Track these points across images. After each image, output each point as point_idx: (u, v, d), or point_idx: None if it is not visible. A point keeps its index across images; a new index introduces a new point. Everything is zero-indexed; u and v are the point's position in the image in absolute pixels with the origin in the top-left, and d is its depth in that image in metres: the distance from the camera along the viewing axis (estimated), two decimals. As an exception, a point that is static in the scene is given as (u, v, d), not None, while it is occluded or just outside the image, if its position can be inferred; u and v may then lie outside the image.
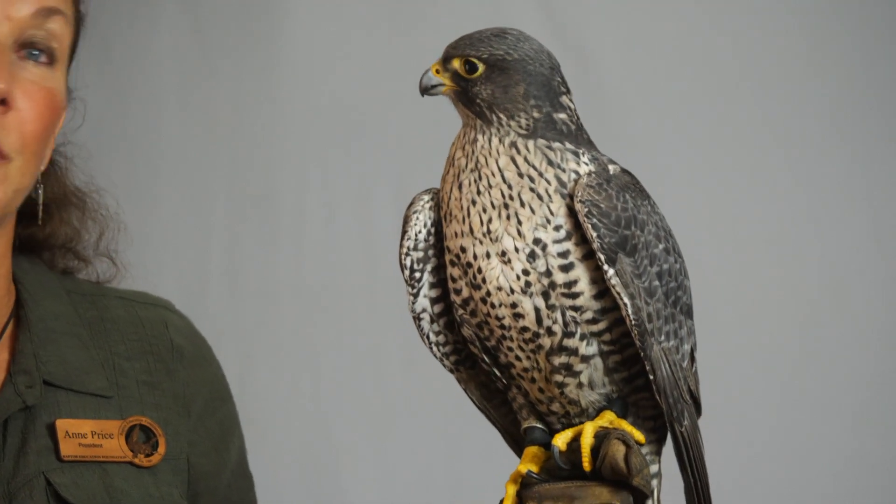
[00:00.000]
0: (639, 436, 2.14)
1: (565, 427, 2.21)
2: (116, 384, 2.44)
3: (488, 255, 2.13)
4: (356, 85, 4.25)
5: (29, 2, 2.33)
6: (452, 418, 4.09)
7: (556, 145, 2.14)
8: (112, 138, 4.27)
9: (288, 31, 4.29)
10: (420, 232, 2.25)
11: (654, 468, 2.23)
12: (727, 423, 3.97)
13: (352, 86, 4.25)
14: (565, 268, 2.11)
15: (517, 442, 2.33)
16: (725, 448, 3.87)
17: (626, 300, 2.10)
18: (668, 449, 2.23)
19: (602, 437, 2.12)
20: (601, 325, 2.13)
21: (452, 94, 2.19)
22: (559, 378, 2.15)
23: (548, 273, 2.11)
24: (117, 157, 4.25)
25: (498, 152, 2.15)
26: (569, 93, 2.19)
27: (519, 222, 2.12)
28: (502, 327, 2.15)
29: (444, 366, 2.30)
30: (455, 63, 2.18)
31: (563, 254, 2.11)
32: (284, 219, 4.27)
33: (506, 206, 2.13)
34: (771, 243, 4.07)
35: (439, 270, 2.25)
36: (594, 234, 2.10)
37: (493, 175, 2.14)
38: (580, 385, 2.16)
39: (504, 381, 2.24)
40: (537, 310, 2.12)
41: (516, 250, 2.12)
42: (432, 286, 2.26)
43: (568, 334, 2.12)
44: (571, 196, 2.12)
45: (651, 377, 2.14)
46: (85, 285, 2.56)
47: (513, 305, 2.13)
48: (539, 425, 2.23)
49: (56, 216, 2.53)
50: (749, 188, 4.09)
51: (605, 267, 2.10)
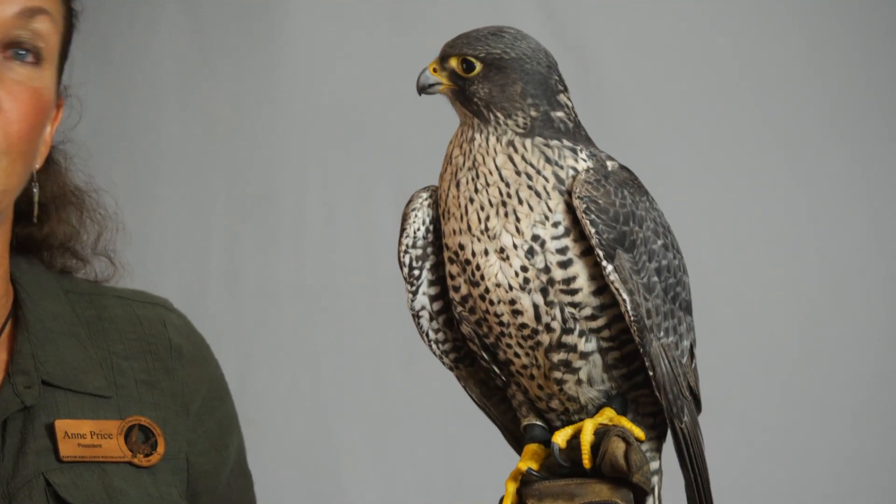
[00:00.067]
0: (638, 433, 2.14)
1: (565, 424, 2.20)
2: (115, 384, 2.44)
3: (486, 252, 2.13)
4: (356, 85, 4.25)
5: (13, 2, 2.32)
6: (452, 418, 4.08)
7: (554, 143, 2.14)
8: (112, 138, 4.27)
9: (288, 31, 4.29)
10: (419, 229, 2.24)
11: (655, 465, 2.23)
12: (727, 423, 3.97)
13: (352, 86, 4.25)
14: (564, 264, 2.11)
15: (517, 439, 2.32)
16: (725, 447, 3.86)
17: (625, 296, 2.10)
18: (669, 446, 2.23)
19: (602, 434, 2.12)
20: (600, 322, 2.13)
21: (450, 93, 2.19)
22: (558, 375, 2.15)
23: (546, 269, 2.11)
24: (117, 157, 4.25)
25: (495, 151, 2.14)
26: (566, 91, 2.18)
27: (517, 219, 2.12)
28: (501, 324, 2.14)
29: (444, 363, 2.30)
30: (452, 62, 2.18)
31: (562, 250, 2.11)
32: (284, 219, 4.27)
33: (504, 204, 2.13)
34: (771, 243, 4.07)
35: (438, 268, 2.25)
36: (592, 231, 2.09)
37: (491, 173, 2.14)
38: (579, 382, 2.16)
39: (503, 379, 2.24)
40: (536, 306, 2.12)
41: (515, 247, 2.12)
42: (431, 284, 2.26)
43: (567, 331, 2.12)
44: (570, 193, 2.12)
45: (650, 373, 2.14)
46: (83, 284, 2.55)
47: (511, 302, 2.12)
48: (539, 423, 2.23)
49: (54, 216, 2.53)
50: (749, 188, 4.08)
51: (604, 263, 2.10)
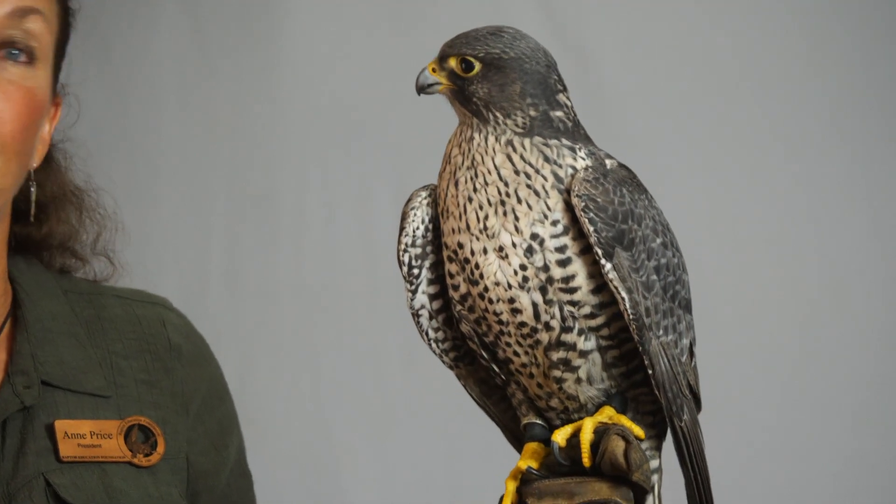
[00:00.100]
0: (638, 431, 2.14)
1: (565, 423, 2.20)
2: (114, 383, 2.44)
3: (485, 251, 2.13)
4: (356, 85, 4.25)
5: (5, 2, 2.32)
6: (452, 418, 4.08)
7: (553, 142, 2.14)
8: (112, 138, 4.27)
9: (288, 31, 4.29)
10: (418, 228, 2.24)
11: (655, 463, 2.23)
12: (727, 423, 3.97)
13: (352, 86, 4.25)
14: (563, 262, 2.11)
15: (517, 438, 2.32)
16: (725, 447, 3.86)
17: (624, 294, 2.10)
18: (669, 444, 2.23)
19: (601, 433, 2.11)
20: (599, 320, 2.12)
21: (449, 93, 2.19)
22: (557, 373, 2.15)
23: (545, 268, 2.11)
24: (117, 157, 4.25)
25: (494, 150, 2.14)
26: (565, 90, 2.18)
27: (516, 218, 2.12)
28: (500, 323, 2.14)
29: (444, 362, 2.30)
30: (451, 62, 2.18)
31: (561, 248, 2.11)
32: (284, 219, 4.27)
33: (502, 203, 2.12)
34: (771, 243, 4.07)
35: (437, 266, 2.24)
36: (591, 229, 2.09)
37: (490, 173, 2.14)
38: (578, 380, 2.16)
39: (503, 377, 2.23)
40: (535, 305, 2.12)
41: (513, 245, 2.12)
42: (430, 282, 2.25)
43: (566, 329, 2.12)
44: (569, 191, 2.11)
45: (649, 372, 2.14)
46: (82, 284, 2.55)
47: (510, 300, 2.12)
48: (539, 421, 2.23)
49: (53, 215, 2.52)
50: (749, 188, 4.08)
51: (603, 261, 2.10)
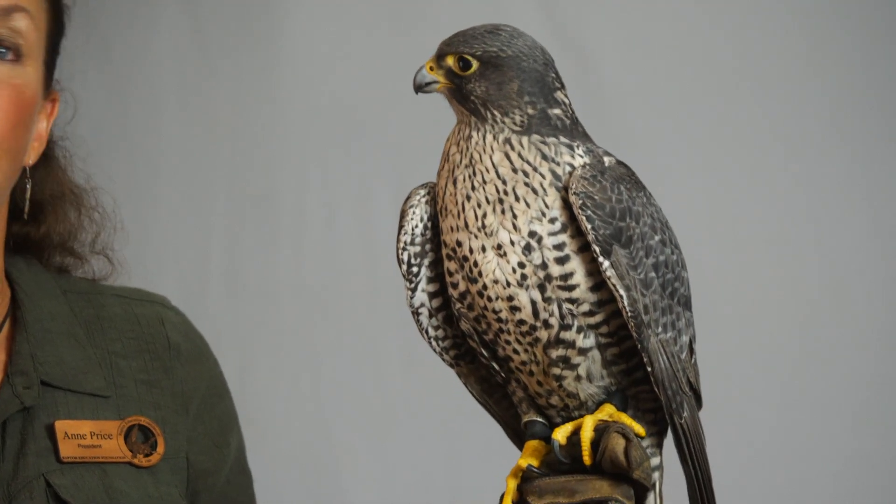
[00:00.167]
0: (638, 429, 2.14)
1: (565, 420, 2.20)
2: (114, 383, 2.44)
3: (484, 249, 2.13)
4: (356, 85, 4.25)
5: None
6: (452, 418, 4.08)
7: (551, 140, 2.14)
8: (112, 138, 4.27)
9: (288, 31, 4.29)
10: (417, 226, 2.24)
11: (656, 461, 2.22)
12: (727, 423, 3.97)
13: (352, 86, 4.25)
14: (561, 260, 2.11)
15: (519, 436, 2.31)
16: (725, 447, 3.86)
17: (622, 292, 2.10)
18: (671, 441, 2.22)
19: (602, 431, 2.11)
20: (598, 318, 2.12)
21: (447, 92, 2.19)
22: (557, 371, 2.15)
23: (543, 265, 2.11)
24: (117, 157, 4.25)
25: (492, 149, 2.14)
26: (563, 88, 2.18)
27: (514, 216, 2.11)
28: (499, 320, 2.14)
29: (444, 360, 2.29)
30: (449, 60, 2.18)
31: (559, 246, 2.11)
32: (284, 219, 4.27)
33: (500, 201, 2.12)
34: (771, 243, 4.07)
35: (437, 265, 2.24)
36: (589, 226, 2.09)
37: (488, 171, 2.14)
38: (578, 378, 2.15)
39: (503, 375, 2.23)
40: (534, 302, 2.12)
41: (512, 243, 2.11)
42: (430, 280, 2.25)
43: (565, 327, 2.12)
44: (566, 189, 2.11)
45: (649, 369, 2.13)
46: (81, 283, 2.55)
47: (509, 298, 2.12)
48: (539, 419, 2.22)
49: (52, 214, 2.52)
50: (749, 188, 4.08)
51: (601, 259, 2.09)
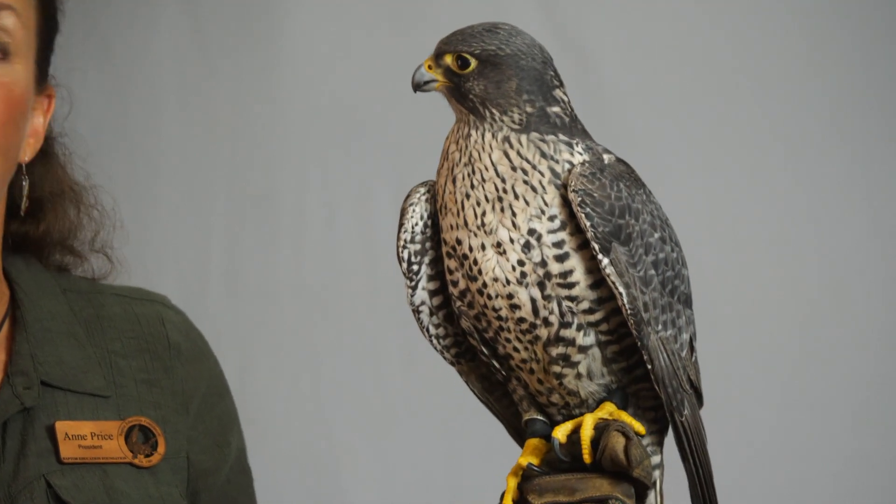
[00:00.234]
0: (639, 427, 2.13)
1: (566, 418, 2.19)
2: (114, 383, 2.44)
3: (483, 247, 2.13)
4: (356, 85, 4.25)
5: None
6: (452, 418, 4.08)
7: (550, 137, 2.14)
8: (112, 138, 4.27)
9: (288, 31, 4.29)
10: (417, 224, 2.24)
11: (656, 459, 2.22)
12: (727, 423, 3.97)
13: (352, 86, 4.25)
14: (560, 258, 2.11)
15: (520, 434, 2.30)
16: (725, 447, 3.86)
17: (622, 290, 2.10)
18: (672, 439, 2.22)
19: (602, 429, 2.11)
20: (598, 315, 2.12)
21: (445, 90, 2.18)
22: (557, 369, 2.15)
23: (543, 263, 2.11)
24: (117, 157, 4.25)
25: (491, 147, 2.14)
26: (562, 85, 2.18)
27: (513, 214, 2.11)
28: (499, 318, 2.14)
29: (445, 358, 2.29)
30: (447, 59, 2.18)
31: (558, 244, 2.11)
32: (284, 219, 4.27)
33: (500, 199, 2.12)
34: (771, 243, 4.07)
35: (437, 262, 2.24)
36: (588, 224, 2.09)
37: (487, 169, 2.14)
38: (579, 376, 2.15)
39: (503, 373, 2.23)
40: (533, 300, 2.11)
41: (511, 241, 2.11)
42: (430, 278, 2.25)
43: (565, 325, 2.12)
44: (566, 186, 2.11)
45: (649, 367, 2.13)
46: (80, 283, 2.55)
47: (509, 296, 2.12)
48: (540, 417, 2.22)
49: (51, 211, 2.52)
50: (749, 188, 4.08)
51: (600, 256, 2.09)
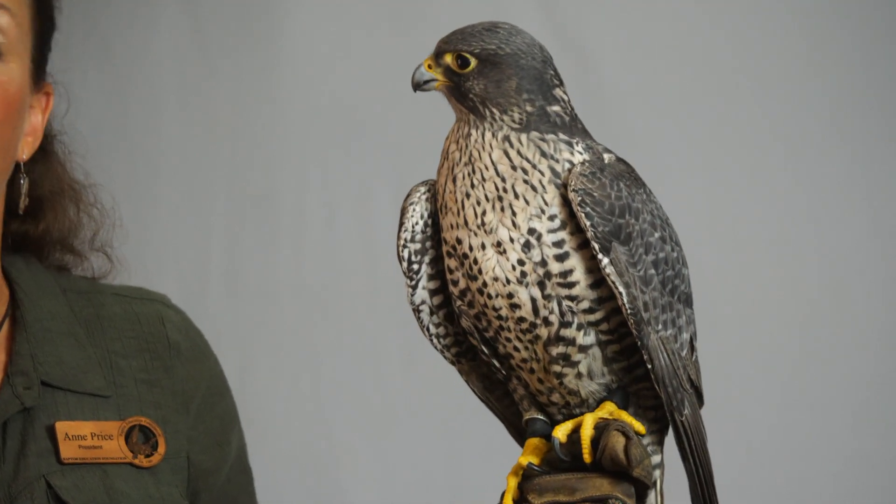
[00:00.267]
0: (639, 426, 2.13)
1: (566, 418, 2.19)
2: (114, 383, 2.44)
3: (483, 247, 2.13)
4: (356, 85, 4.25)
5: None
6: (453, 418, 4.08)
7: (550, 137, 2.14)
8: (112, 138, 4.27)
9: (288, 31, 4.29)
10: (417, 223, 2.24)
11: (657, 459, 2.22)
12: (727, 423, 3.97)
13: (352, 86, 4.25)
14: (560, 257, 2.11)
15: (521, 433, 2.30)
16: (725, 447, 3.86)
17: (622, 289, 2.09)
18: (672, 439, 2.22)
19: (602, 429, 2.11)
20: (598, 315, 2.12)
21: (445, 90, 2.18)
22: (558, 368, 2.15)
23: (543, 263, 2.11)
24: (117, 157, 4.26)
25: (491, 146, 2.14)
26: (562, 84, 2.18)
27: (513, 213, 2.11)
28: (499, 318, 2.14)
29: (445, 358, 2.29)
30: (447, 58, 2.17)
31: (558, 243, 2.11)
32: (284, 219, 4.27)
33: (500, 199, 2.12)
34: (771, 243, 4.07)
35: (437, 262, 2.24)
36: (588, 223, 2.09)
37: (487, 168, 2.13)
38: (579, 375, 2.15)
39: (504, 373, 2.23)
40: (533, 300, 2.11)
41: (511, 240, 2.11)
42: (431, 278, 2.25)
43: (565, 324, 2.12)
44: (566, 186, 2.11)
45: (649, 366, 2.13)
46: (80, 282, 2.55)
47: (509, 296, 2.12)
48: (540, 416, 2.22)
49: (51, 210, 2.52)
50: (749, 188, 4.08)
51: (600, 256, 2.09)
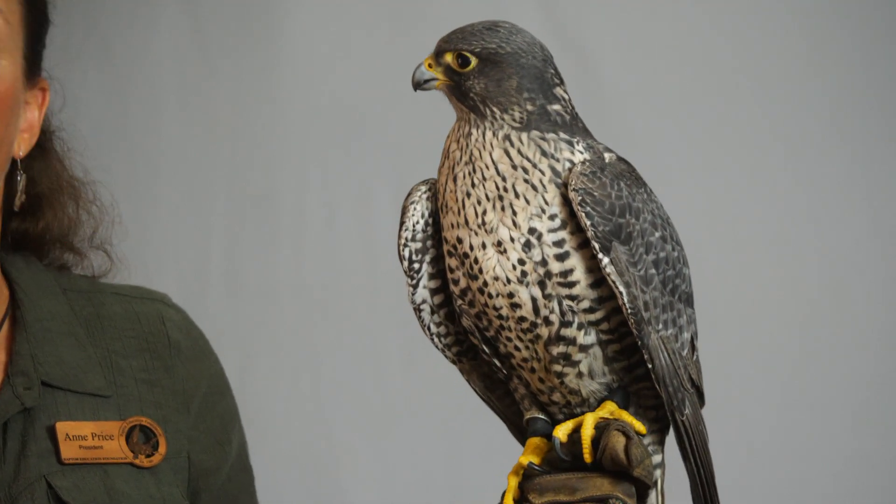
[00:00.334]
0: (639, 426, 2.13)
1: (567, 417, 2.19)
2: (115, 383, 2.43)
3: (484, 246, 2.13)
4: (356, 85, 4.25)
5: None
6: (453, 417, 4.08)
7: (550, 136, 2.13)
8: (112, 138, 4.27)
9: (288, 31, 4.29)
10: (418, 223, 2.23)
11: (658, 458, 2.22)
12: (727, 423, 3.97)
13: (352, 86, 4.25)
14: (561, 257, 2.11)
15: (522, 433, 2.30)
16: (725, 447, 3.85)
17: (622, 289, 2.09)
18: (673, 439, 2.22)
19: (602, 429, 2.11)
20: (598, 314, 2.12)
21: (445, 89, 2.18)
22: (558, 368, 2.15)
23: (543, 262, 2.11)
24: (117, 157, 4.26)
25: (492, 145, 2.14)
26: (562, 83, 2.17)
27: (514, 213, 2.11)
28: (500, 317, 2.14)
29: (446, 357, 2.29)
30: (447, 57, 2.17)
31: (559, 243, 2.11)
32: (284, 219, 4.27)
33: (500, 198, 2.12)
34: (771, 243, 4.07)
35: (438, 261, 2.24)
36: (588, 223, 2.08)
37: (487, 168, 2.13)
38: (580, 375, 2.15)
39: (505, 372, 2.23)
40: (534, 299, 2.11)
41: (512, 240, 2.11)
42: (431, 277, 2.25)
43: (565, 324, 2.11)
44: (566, 185, 2.11)
45: (649, 366, 2.13)
46: (80, 282, 2.54)
47: (510, 295, 2.12)
48: (541, 416, 2.22)
49: (50, 208, 2.52)
50: (749, 188, 4.08)
51: (600, 255, 2.09)
